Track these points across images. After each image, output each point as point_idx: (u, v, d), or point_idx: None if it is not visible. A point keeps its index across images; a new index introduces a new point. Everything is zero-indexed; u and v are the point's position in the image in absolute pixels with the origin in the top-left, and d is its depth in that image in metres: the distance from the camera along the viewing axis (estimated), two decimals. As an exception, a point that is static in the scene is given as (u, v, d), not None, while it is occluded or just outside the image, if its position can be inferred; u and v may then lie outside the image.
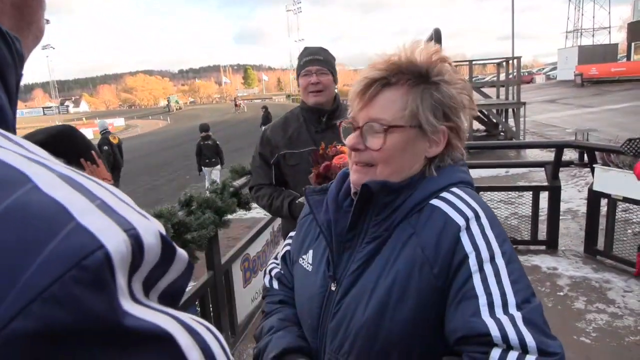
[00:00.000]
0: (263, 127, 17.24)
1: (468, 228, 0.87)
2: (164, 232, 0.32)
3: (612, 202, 4.22)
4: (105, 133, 8.86)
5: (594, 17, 49.08)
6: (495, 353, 0.78)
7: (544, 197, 4.81)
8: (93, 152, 0.46)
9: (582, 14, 49.46)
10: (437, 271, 0.85)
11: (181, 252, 0.34)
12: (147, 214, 0.33)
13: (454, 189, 0.93)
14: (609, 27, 48.59)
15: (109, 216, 0.29)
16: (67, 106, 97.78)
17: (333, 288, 0.97)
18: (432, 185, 0.94)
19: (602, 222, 4.45)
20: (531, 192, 4.90)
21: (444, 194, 0.92)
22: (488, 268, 0.83)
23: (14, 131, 0.38)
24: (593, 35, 48.25)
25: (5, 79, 0.38)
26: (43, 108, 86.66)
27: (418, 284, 0.86)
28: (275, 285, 1.19)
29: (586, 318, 3.46)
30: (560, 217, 4.92)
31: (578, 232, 5.13)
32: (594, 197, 4.45)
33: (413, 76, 0.92)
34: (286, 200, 2.22)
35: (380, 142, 0.92)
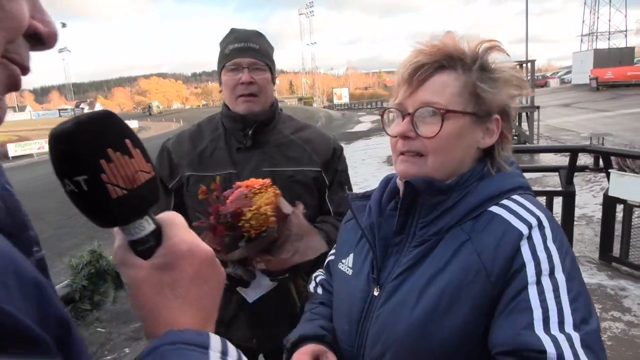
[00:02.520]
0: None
1: (530, 237, 0.81)
2: None
3: (629, 207, 4.14)
4: None
5: (609, 20, 48.46)
6: None
7: (557, 202, 4.73)
8: (128, 140, 0.45)
9: (598, 17, 48.86)
10: (494, 279, 0.79)
11: None
12: None
13: (516, 197, 0.87)
14: (626, 31, 47.92)
15: None
16: (82, 108, 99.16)
17: (376, 293, 0.93)
18: (488, 190, 0.88)
19: (618, 228, 4.37)
20: (545, 197, 4.83)
21: (505, 202, 0.86)
22: (546, 281, 0.77)
23: None
24: (609, 39, 47.62)
25: None
26: (59, 110, 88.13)
27: (472, 292, 0.81)
28: (319, 290, 1.20)
29: (601, 326, 3.38)
30: (575, 223, 4.84)
31: (593, 238, 5.04)
32: (609, 203, 4.37)
33: (463, 61, 0.87)
34: None
35: (436, 128, 0.85)
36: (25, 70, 0.43)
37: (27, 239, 0.46)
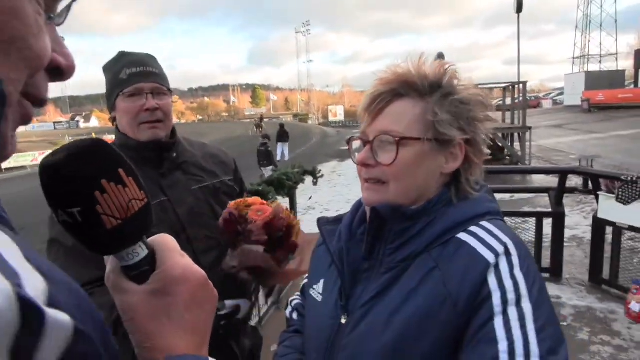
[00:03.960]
0: (278, 144, 17.03)
1: (497, 266, 0.80)
2: (34, 292, 0.28)
3: (617, 230, 4.14)
4: None
5: (600, 43, 49.40)
6: None
7: (548, 223, 4.74)
8: (121, 170, 0.44)
9: (589, 40, 49.81)
10: (461, 308, 0.78)
11: (58, 319, 0.29)
12: (27, 270, 0.29)
13: (484, 223, 0.86)
14: (616, 54, 48.84)
15: None
16: (78, 121, 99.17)
17: (343, 321, 0.91)
18: (456, 215, 0.87)
19: (608, 249, 4.37)
20: (534, 218, 4.83)
21: (473, 228, 0.85)
22: (513, 311, 0.76)
23: None
24: (600, 62, 48.49)
25: None
26: (54, 123, 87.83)
27: (439, 321, 0.80)
28: (295, 315, 1.19)
29: (590, 350, 3.35)
30: (566, 244, 4.84)
31: (583, 260, 5.03)
32: (598, 225, 4.38)
33: (424, 87, 0.87)
34: None
35: (392, 156, 0.85)
36: (43, 103, 0.44)
37: None
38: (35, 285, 0.29)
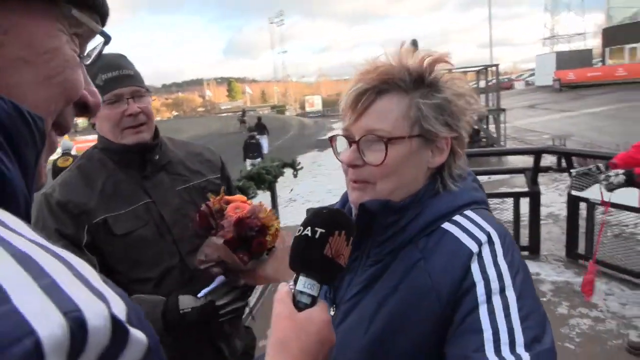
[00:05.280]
0: (256, 134, 16.61)
1: (480, 255, 0.80)
2: (119, 313, 0.32)
3: (591, 205, 4.27)
4: (65, 154, 7.72)
5: (569, 23, 50.32)
6: None
7: (525, 202, 4.85)
8: (345, 232, 0.80)
9: (558, 21, 50.65)
10: (445, 299, 0.79)
11: (138, 337, 0.33)
12: (108, 291, 0.33)
13: (468, 212, 0.86)
14: (584, 33, 49.84)
15: (51, 297, 0.28)
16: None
17: (332, 313, 0.91)
18: (442, 206, 0.86)
19: (584, 225, 4.50)
20: (512, 199, 4.94)
21: (457, 217, 0.85)
22: (497, 300, 0.76)
23: (28, 204, 0.41)
24: (569, 42, 49.40)
25: (20, 155, 0.40)
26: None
27: (423, 313, 0.80)
28: None
29: (569, 323, 3.47)
30: (543, 222, 4.97)
31: (560, 236, 5.17)
32: (573, 202, 4.51)
33: (407, 81, 0.84)
34: (155, 313, 1.33)
35: (381, 156, 0.83)
36: (66, 132, 0.51)
37: None
38: (119, 306, 0.32)
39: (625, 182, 2.71)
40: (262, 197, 4.77)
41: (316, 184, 11.04)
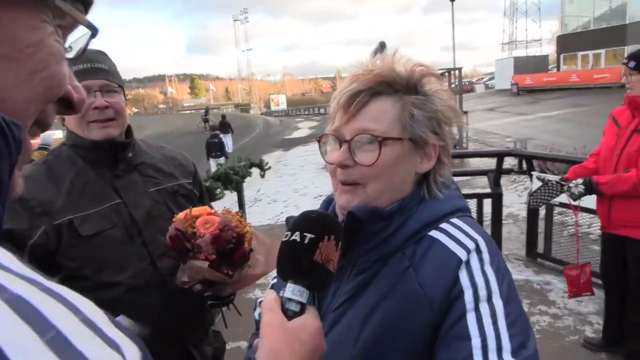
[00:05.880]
0: (219, 133, 16.24)
1: (468, 263, 0.81)
2: None
3: (550, 207, 4.44)
4: (41, 148, 8.11)
5: (526, 30, 52.28)
6: None
7: (487, 202, 4.98)
8: (334, 236, 0.80)
9: (516, 27, 52.53)
10: (436, 307, 0.79)
11: None
12: (119, 336, 0.30)
13: (454, 220, 0.87)
14: (540, 40, 51.92)
15: (58, 354, 0.25)
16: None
17: None
18: (428, 213, 0.87)
19: (542, 225, 4.67)
20: (475, 200, 5.07)
21: (444, 225, 0.86)
22: (484, 308, 0.77)
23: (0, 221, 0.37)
24: (526, 47, 51.32)
25: None
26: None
27: (415, 321, 0.80)
28: None
29: (530, 320, 3.58)
30: (503, 222, 5.12)
31: (519, 236, 5.35)
32: (532, 203, 4.67)
33: (400, 87, 0.86)
34: None
35: (374, 156, 0.83)
36: (46, 128, 0.47)
37: None
38: (133, 354, 0.31)
39: (585, 190, 2.85)
40: (229, 197, 4.70)
41: (282, 183, 11.00)
